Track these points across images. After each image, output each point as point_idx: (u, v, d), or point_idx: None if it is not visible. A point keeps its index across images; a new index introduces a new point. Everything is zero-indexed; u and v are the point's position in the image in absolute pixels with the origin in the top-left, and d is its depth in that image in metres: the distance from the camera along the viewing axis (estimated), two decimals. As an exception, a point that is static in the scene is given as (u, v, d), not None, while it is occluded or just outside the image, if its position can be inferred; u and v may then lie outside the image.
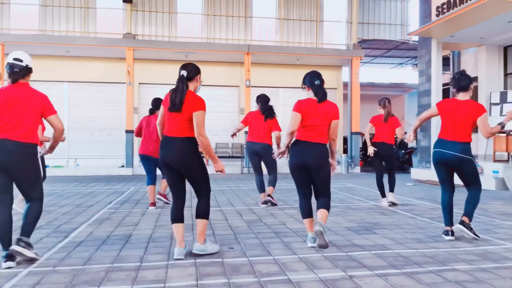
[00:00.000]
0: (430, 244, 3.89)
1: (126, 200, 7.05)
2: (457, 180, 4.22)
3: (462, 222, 4.00)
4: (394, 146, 6.49)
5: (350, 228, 4.61)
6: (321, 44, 14.94)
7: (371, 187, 9.01)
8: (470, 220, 4.04)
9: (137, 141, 13.64)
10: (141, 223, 5.00)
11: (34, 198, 3.36)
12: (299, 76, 15.65)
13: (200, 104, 3.36)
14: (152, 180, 6.05)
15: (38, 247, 3.80)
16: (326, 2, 15.19)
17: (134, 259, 3.41)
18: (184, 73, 3.44)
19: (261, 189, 6.35)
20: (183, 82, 3.40)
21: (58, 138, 3.48)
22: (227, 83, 14.35)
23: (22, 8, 13.52)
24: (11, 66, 3.32)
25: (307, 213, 3.82)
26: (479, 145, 12.50)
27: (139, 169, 12.84)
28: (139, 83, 13.85)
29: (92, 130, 13.92)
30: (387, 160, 6.40)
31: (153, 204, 6.01)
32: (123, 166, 12.96)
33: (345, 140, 16.20)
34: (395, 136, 6.31)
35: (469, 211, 4.05)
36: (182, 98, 3.33)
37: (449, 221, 4.12)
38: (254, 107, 6.97)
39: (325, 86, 3.98)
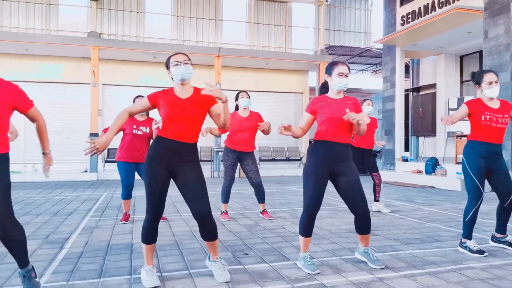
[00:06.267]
0: (434, 244, 4.05)
1: (105, 207, 6.71)
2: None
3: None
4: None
5: (351, 230, 4.70)
6: (289, 49, 15.16)
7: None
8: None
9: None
10: (136, 231, 4.78)
11: None
12: (268, 80, 15.83)
13: None
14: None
15: (36, 260, 3.53)
16: (295, 8, 15.46)
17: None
18: None
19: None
20: None
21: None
22: (197, 86, 14.15)
23: (-26, 1, 12.54)
24: None
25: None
26: (438, 148, 13.27)
27: (104, 174, 12.30)
28: (103, 84, 13.29)
29: (50, 133, 13.13)
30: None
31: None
32: (86, 171, 12.34)
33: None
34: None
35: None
36: None
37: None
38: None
39: (292, 90, 3.84)
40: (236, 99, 5.54)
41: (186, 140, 2.89)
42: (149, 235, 2.94)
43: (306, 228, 3.22)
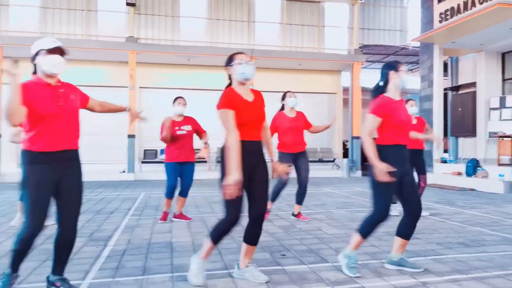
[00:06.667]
0: (478, 248, 3.92)
1: (143, 206, 6.90)
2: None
3: None
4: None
5: (390, 233, 4.60)
6: (322, 49, 15.04)
7: (382, 191, 9.06)
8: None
9: (137, 146, 13.46)
10: (174, 230, 4.90)
11: None
12: (301, 80, 15.62)
13: (219, 102, 2.84)
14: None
15: (82, 257, 3.69)
16: (327, 8, 15.33)
17: (192, 268, 3.32)
18: None
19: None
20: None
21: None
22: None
23: (21, 10, 13.20)
24: None
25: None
26: (478, 148, 12.78)
27: (141, 174, 12.65)
28: (140, 87, 13.65)
29: (90, 135, 13.64)
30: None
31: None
32: (124, 172, 12.73)
33: (344, 144, 16.33)
34: None
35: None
36: None
37: None
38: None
39: (325, 91, 3.62)
40: (283, 98, 5.49)
41: (260, 138, 2.93)
42: (225, 236, 2.90)
43: (372, 231, 3.15)
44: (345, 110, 15.20)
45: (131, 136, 12.49)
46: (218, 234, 2.88)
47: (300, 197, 5.52)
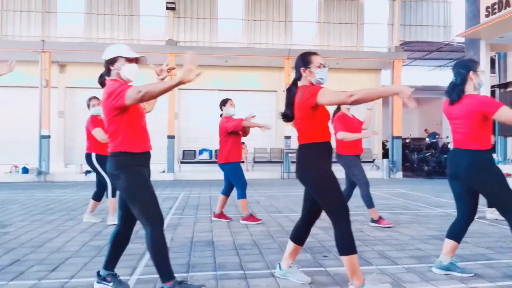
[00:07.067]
0: (533, 254, 3.71)
1: (184, 205, 7.05)
2: None
3: None
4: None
5: (436, 237, 4.45)
6: (361, 47, 14.76)
7: (425, 193, 8.77)
8: None
9: (177, 146, 13.76)
10: (215, 229, 4.97)
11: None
12: (339, 80, 15.34)
13: (310, 92, 2.75)
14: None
15: (128, 253, 3.80)
16: (367, 5, 15.04)
17: (234, 267, 3.36)
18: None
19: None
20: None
21: None
22: (266, 88, 14.31)
23: (68, 16, 13.87)
24: None
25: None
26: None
27: (180, 174, 12.93)
28: (179, 89, 13.94)
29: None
30: None
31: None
32: (164, 172, 13.05)
33: (384, 144, 15.93)
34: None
35: None
36: (288, 103, 2.97)
37: None
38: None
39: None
40: None
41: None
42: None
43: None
44: (384, 109, 14.84)
45: (170, 137, 12.79)
46: (350, 237, 2.76)
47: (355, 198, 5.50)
